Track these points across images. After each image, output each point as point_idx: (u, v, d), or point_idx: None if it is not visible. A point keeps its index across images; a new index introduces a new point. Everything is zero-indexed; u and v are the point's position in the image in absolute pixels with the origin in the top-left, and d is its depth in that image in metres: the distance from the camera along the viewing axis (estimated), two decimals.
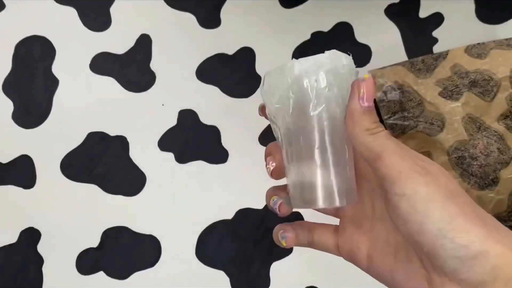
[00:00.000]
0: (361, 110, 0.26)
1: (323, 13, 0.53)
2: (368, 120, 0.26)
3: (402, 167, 0.25)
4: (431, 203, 0.24)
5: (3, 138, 0.53)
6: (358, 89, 0.27)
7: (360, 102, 0.26)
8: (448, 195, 0.24)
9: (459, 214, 0.23)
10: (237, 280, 0.49)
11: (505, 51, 0.45)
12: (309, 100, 0.27)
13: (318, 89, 0.27)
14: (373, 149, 0.26)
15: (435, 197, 0.24)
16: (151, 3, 0.55)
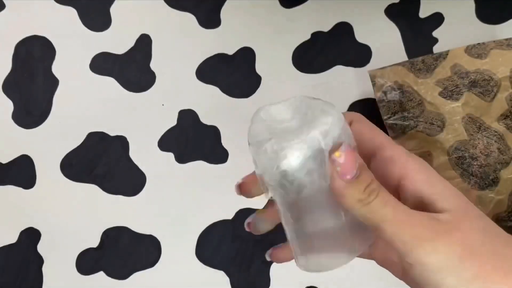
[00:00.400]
0: (343, 185, 0.24)
1: (323, 13, 0.53)
2: (357, 190, 0.24)
3: (405, 236, 0.23)
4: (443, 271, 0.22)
5: (3, 138, 0.53)
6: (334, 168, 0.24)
7: (342, 178, 0.24)
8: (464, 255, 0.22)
9: (476, 277, 0.22)
10: (237, 280, 0.49)
11: (505, 51, 0.45)
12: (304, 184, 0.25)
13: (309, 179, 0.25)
14: (370, 220, 0.24)
15: (448, 263, 0.22)
16: (151, 3, 0.55)
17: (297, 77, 0.52)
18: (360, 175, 0.24)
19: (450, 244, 0.22)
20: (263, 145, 0.26)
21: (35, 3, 0.55)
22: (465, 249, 0.22)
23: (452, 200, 0.25)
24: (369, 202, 0.23)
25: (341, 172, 0.24)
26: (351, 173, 0.24)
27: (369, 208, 0.23)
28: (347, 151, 0.24)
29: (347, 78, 0.51)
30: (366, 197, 0.23)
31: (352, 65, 0.52)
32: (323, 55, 0.52)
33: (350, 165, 0.24)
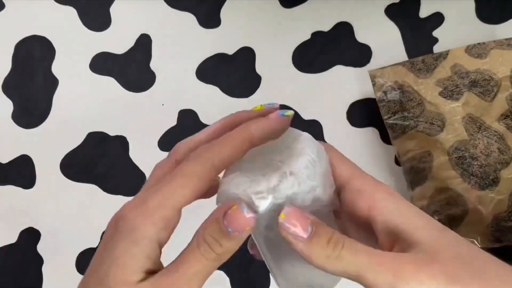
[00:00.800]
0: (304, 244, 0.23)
1: (323, 13, 0.53)
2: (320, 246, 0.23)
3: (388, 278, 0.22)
4: None
5: (3, 138, 0.53)
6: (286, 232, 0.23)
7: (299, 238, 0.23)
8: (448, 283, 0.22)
9: None
10: (237, 280, 0.49)
11: (505, 51, 0.45)
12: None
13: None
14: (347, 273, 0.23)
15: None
16: (151, 3, 0.55)
17: (297, 77, 0.52)
18: (316, 231, 0.23)
19: (433, 276, 0.22)
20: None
21: (35, 3, 0.55)
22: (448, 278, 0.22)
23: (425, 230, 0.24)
24: (338, 255, 0.23)
25: (296, 234, 0.23)
26: (306, 231, 0.23)
27: (340, 261, 0.23)
28: (292, 212, 0.23)
29: (347, 78, 0.51)
30: (332, 251, 0.23)
31: (352, 65, 0.52)
32: (323, 55, 0.52)
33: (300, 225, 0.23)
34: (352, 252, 0.23)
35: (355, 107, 0.50)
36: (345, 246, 0.23)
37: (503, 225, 0.42)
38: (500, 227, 0.42)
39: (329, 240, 0.23)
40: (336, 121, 0.50)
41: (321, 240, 0.23)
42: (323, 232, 0.23)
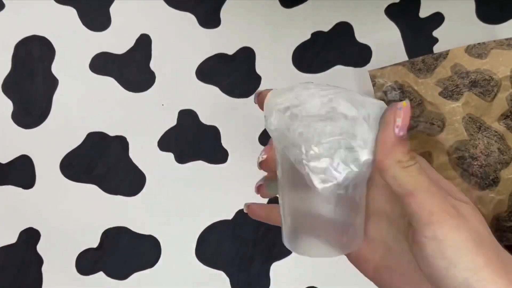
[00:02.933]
0: (395, 140, 0.24)
1: (323, 13, 0.53)
2: (402, 151, 0.24)
3: (434, 207, 0.23)
4: (460, 250, 0.23)
5: (2, 138, 0.53)
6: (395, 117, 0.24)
7: (396, 131, 0.24)
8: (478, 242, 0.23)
9: (486, 265, 0.23)
10: (237, 280, 0.49)
11: (505, 51, 0.45)
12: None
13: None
14: (404, 185, 0.24)
15: (466, 245, 0.23)
16: (151, 3, 0.55)
17: (297, 77, 0.52)
18: (406, 139, 0.24)
19: (469, 229, 0.23)
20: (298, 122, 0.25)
21: (35, 3, 0.55)
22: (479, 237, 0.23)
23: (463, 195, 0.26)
24: (408, 166, 0.24)
25: (398, 125, 0.24)
26: (404, 130, 0.24)
27: (407, 170, 0.24)
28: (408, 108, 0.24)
29: (347, 78, 0.51)
30: (407, 160, 0.24)
31: (352, 65, 0.52)
32: (323, 55, 0.52)
33: (406, 121, 0.24)
34: (419, 171, 0.24)
35: None
36: (417, 163, 0.24)
37: (503, 225, 0.42)
38: (500, 227, 0.42)
39: (409, 152, 0.24)
40: None
41: (405, 147, 0.24)
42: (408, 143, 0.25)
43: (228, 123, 0.52)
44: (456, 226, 0.23)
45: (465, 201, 0.26)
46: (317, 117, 0.24)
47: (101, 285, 0.50)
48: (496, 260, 0.23)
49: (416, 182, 0.24)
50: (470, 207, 0.25)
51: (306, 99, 0.25)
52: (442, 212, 0.23)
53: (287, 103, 0.25)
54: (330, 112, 0.24)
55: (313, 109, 0.25)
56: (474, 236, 0.23)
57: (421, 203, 0.24)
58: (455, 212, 0.24)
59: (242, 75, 0.53)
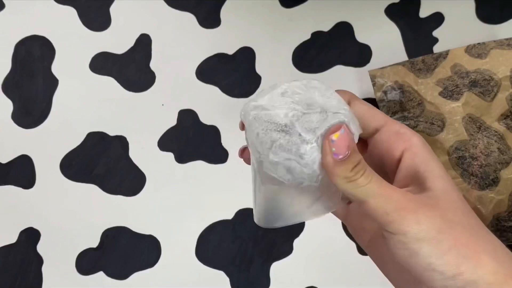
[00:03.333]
0: (333, 163, 0.25)
1: (323, 13, 0.53)
2: (345, 169, 0.25)
3: (388, 208, 0.24)
4: (422, 241, 0.24)
5: (2, 138, 0.53)
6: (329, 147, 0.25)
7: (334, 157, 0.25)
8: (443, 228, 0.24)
9: (451, 248, 0.24)
10: (237, 280, 0.49)
11: (505, 51, 0.45)
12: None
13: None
14: (355, 196, 0.25)
15: (427, 234, 0.24)
16: (151, 3, 0.55)
17: (297, 77, 0.52)
18: (350, 156, 0.25)
19: (431, 217, 0.24)
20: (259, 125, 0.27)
21: (35, 3, 0.55)
22: (443, 223, 0.24)
23: (440, 181, 0.27)
24: (355, 179, 0.25)
25: (335, 153, 0.25)
26: (343, 153, 0.25)
27: (354, 184, 0.25)
28: (344, 135, 0.25)
29: (347, 78, 0.51)
30: (352, 175, 0.25)
31: (352, 65, 0.52)
32: (323, 55, 0.52)
33: (344, 146, 0.25)
34: (367, 180, 0.25)
35: None
36: (364, 174, 0.25)
37: (503, 225, 0.42)
38: (500, 227, 0.42)
39: (354, 167, 0.25)
40: None
41: (349, 164, 0.25)
42: (353, 159, 0.25)
43: (228, 123, 0.52)
44: (415, 219, 0.24)
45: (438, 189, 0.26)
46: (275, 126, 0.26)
47: (101, 285, 0.50)
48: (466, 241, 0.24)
49: (366, 191, 0.25)
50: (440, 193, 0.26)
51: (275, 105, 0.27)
52: (397, 211, 0.24)
53: (259, 103, 0.27)
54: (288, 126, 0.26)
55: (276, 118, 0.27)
56: (438, 223, 0.24)
57: (375, 208, 0.25)
58: (412, 206, 0.24)
59: (242, 75, 0.53)
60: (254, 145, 0.27)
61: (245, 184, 0.50)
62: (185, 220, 0.50)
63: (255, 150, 0.27)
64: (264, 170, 0.27)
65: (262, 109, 0.27)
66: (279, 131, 0.26)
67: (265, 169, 0.27)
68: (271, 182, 0.28)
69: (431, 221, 0.24)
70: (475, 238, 0.24)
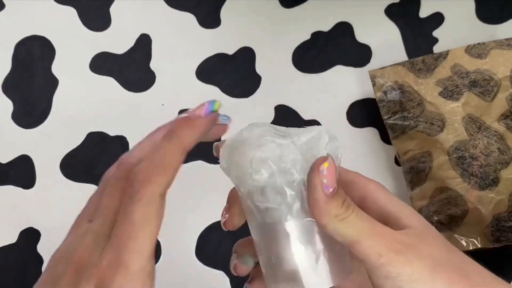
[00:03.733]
0: (326, 198, 0.24)
1: (323, 13, 0.53)
2: (336, 206, 0.24)
3: (381, 249, 0.24)
4: (417, 282, 0.23)
5: (2, 138, 0.53)
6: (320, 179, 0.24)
7: (324, 190, 0.24)
8: (434, 267, 0.24)
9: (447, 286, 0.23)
10: (237, 280, 0.49)
11: (505, 51, 0.45)
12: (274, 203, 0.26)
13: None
14: (347, 236, 0.24)
15: (421, 275, 0.23)
16: (151, 3, 0.55)
17: (297, 77, 0.52)
18: (338, 190, 0.24)
19: (421, 257, 0.24)
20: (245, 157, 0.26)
21: (35, 3, 0.55)
22: (434, 262, 0.24)
23: (413, 218, 0.26)
24: (347, 217, 0.24)
25: (325, 185, 0.24)
26: (333, 186, 0.24)
27: (346, 223, 0.24)
28: (332, 164, 0.24)
29: (347, 78, 0.51)
30: (343, 212, 0.24)
31: (352, 65, 0.52)
32: (323, 55, 0.52)
33: (333, 178, 0.24)
34: (358, 218, 0.24)
35: (355, 107, 0.50)
36: (354, 211, 0.24)
37: (503, 225, 0.42)
38: (500, 227, 0.42)
39: (343, 202, 0.24)
40: (336, 121, 0.50)
41: (339, 200, 0.24)
42: (342, 193, 0.24)
43: None
44: (406, 261, 0.23)
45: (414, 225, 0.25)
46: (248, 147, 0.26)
47: None
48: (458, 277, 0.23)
49: (357, 230, 0.24)
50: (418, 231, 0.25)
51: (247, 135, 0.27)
52: (389, 252, 0.23)
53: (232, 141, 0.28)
54: (262, 142, 0.26)
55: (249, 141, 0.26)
56: (428, 263, 0.23)
57: (368, 249, 0.24)
58: (402, 247, 0.24)
59: (242, 75, 0.53)
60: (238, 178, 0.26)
61: None
62: (185, 220, 0.50)
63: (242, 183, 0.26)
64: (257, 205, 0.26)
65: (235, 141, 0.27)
66: (254, 148, 0.26)
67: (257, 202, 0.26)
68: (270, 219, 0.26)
69: (422, 261, 0.23)
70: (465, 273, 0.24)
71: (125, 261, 0.22)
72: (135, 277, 0.22)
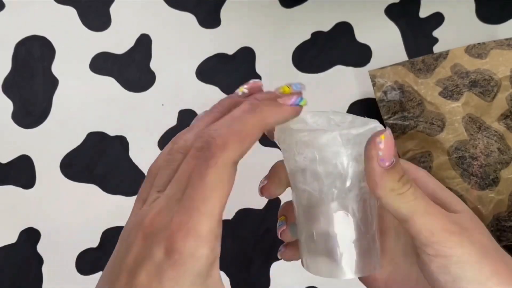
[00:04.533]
0: (382, 171, 0.24)
1: (323, 13, 0.53)
2: (392, 180, 0.24)
3: (434, 228, 0.24)
4: (465, 264, 0.23)
5: (3, 138, 0.53)
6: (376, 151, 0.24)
7: (380, 163, 0.24)
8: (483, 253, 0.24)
9: (493, 274, 0.23)
10: (237, 280, 0.49)
11: (505, 51, 0.45)
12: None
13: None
14: (401, 211, 0.24)
15: (470, 258, 0.23)
16: (151, 3, 0.55)
17: (297, 77, 0.52)
18: (395, 165, 0.24)
19: (472, 242, 0.24)
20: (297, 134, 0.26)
21: (35, 3, 0.55)
22: (483, 248, 0.24)
23: (462, 205, 0.26)
24: (403, 192, 0.24)
25: (381, 157, 0.24)
26: (390, 160, 0.24)
27: (402, 198, 0.24)
28: (390, 136, 0.24)
29: (347, 78, 0.51)
30: (400, 187, 0.24)
31: (352, 65, 0.52)
32: (323, 55, 0.52)
33: (390, 152, 0.24)
34: (414, 196, 0.24)
35: (355, 107, 0.50)
36: (412, 187, 0.24)
37: (503, 225, 0.42)
38: (500, 227, 0.42)
39: (401, 177, 0.24)
40: None
41: (396, 174, 0.24)
42: (399, 168, 0.24)
43: None
44: (459, 242, 0.24)
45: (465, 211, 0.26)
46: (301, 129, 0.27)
47: None
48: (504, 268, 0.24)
49: (412, 207, 0.24)
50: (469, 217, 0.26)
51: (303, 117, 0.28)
52: (443, 232, 0.24)
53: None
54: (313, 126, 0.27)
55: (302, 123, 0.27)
56: (479, 249, 0.24)
57: (421, 227, 0.24)
58: (456, 229, 0.24)
59: (242, 75, 0.53)
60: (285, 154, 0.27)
61: (245, 184, 0.50)
62: None
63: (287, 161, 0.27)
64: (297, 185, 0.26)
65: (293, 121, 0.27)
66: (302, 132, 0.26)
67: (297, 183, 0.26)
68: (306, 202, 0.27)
69: (473, 246, 0.24)
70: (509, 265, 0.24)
71: (195, 224, 0.21)
72: (204, 239, 0.21)
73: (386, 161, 0.24)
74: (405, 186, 0.24)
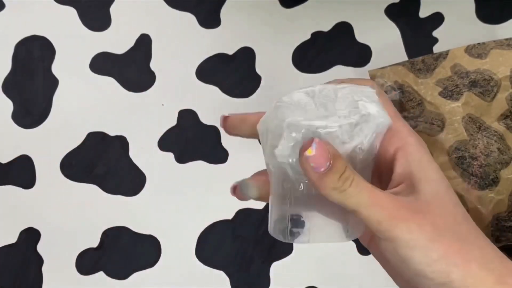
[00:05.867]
0: (319, 176, 0.25)
1: (323, 13, 0.53)
2: (331, 180, 0.25)
3: (381, 217, 0.24)
4: (413, 249, 0.24)
5: (2, 138, 0.53)
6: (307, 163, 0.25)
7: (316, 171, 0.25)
8: (433, 237, 0.24)
9: (441, 258, 0.24)
10: (237, 280, 0.49)
11: (505, 51, 0.45)
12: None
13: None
14: (347, 205, 0.25)
15: (418, 243, 0.24)
16: (151, 3, 0.55)
17: (297, 77, 0.52)
18: (333, 166, 0.25)
19: (421, 225, 0.24)
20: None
21: (35, 3, 0.55)
22: (434, 231, 0.24)
23: (432, 184, 0.26)
24: (345, 189, 0.25)
25: (315, 167, 0.25)
26: (324, 166, 0.24)
27: (345, 194, 0.25)
28: (318, 146, 0.25)
29: (347, 78, 0.51)
30: (341, 185, 0.25)
31: (352, 65, 0.52)
32: (323, 55, 0.52)
33: (321, 159, 0.24)
34: (357, 190, 0.25)
35: None
36: (353, 183, 0.25)
37: (503, 225, 0.42)
38: (500, 227, 0.42)
39: (341, 175, 0.25)
40: None
41: (334, 175, 0.25)
42: (338, 167, 0.25)
43: None
44: (406, 228, 0.24)
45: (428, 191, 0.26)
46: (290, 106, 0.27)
47: (101, 285, 0.50)
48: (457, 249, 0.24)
49: (357, 200, 0.25)
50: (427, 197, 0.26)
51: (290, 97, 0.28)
52: (389, 220, 0.24)
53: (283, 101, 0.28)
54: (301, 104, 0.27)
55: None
56: (428, 232, 0.24)
57: (367, 218, 0.25)
58: (404, 214, 0.24)
59: (242, 75, 0.53)
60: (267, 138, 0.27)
61: None
62: (185, 220, 0.50)
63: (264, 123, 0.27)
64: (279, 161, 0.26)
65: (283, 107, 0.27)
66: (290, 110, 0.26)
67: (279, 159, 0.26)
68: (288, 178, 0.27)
69: (422, 229, 0.24)
70: (466, 245, 0.25)
71: None
72: None
73: (320, 168, 0.24)
74: (346, 183, 0.25)
